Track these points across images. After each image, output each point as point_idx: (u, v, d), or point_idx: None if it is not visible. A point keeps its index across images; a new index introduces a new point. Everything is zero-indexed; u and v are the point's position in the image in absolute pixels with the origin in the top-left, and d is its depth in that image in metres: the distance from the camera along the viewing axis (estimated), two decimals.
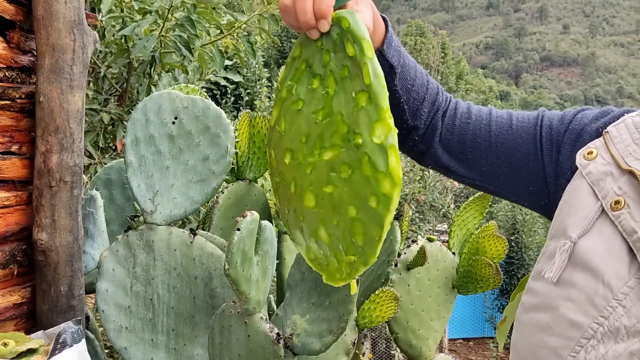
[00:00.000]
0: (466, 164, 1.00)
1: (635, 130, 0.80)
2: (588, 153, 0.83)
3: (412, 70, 1.01)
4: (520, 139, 0.95)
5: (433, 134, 1.01)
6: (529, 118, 0.97)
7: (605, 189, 0.77)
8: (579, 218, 0.78)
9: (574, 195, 0.82)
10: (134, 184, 1.57)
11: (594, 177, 0.80)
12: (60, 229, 1.44)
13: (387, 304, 1.75)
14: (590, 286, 0.72)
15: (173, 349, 1.61)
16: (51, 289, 1.47)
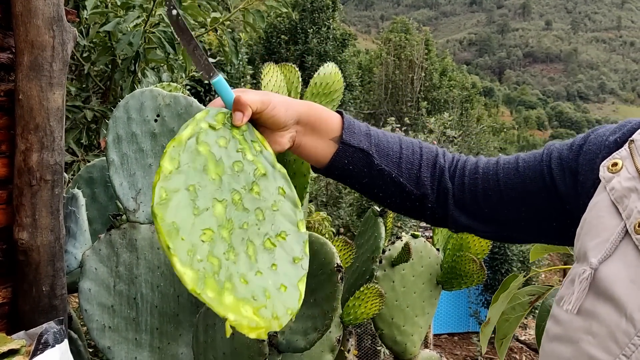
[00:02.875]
0: (485, 219, 0.96)
1: None
2: (612, 165, 0.76)
3: (393, 145, 0.98)
4: (529, 179, 0.91)
5: (446, 197, 0.97)
6: (534, 156, 0.93)
7: (630, 207, 0.70)
8: (600, 240, 0.72)
9: (595, 213, 0.76)
10: (117, 182, 1.56)
11: (618, 194, 0.73)
12: (42, 228, 1.42)
13: (371, 301, 1.75)
14: (612, 319, 0.66)
15: (157, 347, 1.60)
16: (33, 289, 1.45)
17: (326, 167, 0.97)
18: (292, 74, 2.04)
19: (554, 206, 0.88)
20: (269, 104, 0.87)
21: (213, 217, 0.76)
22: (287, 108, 0.90)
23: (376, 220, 1.92)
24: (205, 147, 0.81)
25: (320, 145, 0.95)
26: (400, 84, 17.19)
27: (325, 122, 0.95)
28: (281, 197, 0.84)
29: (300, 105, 0.93)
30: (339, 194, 8.21)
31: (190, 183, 0.77)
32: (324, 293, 1.51)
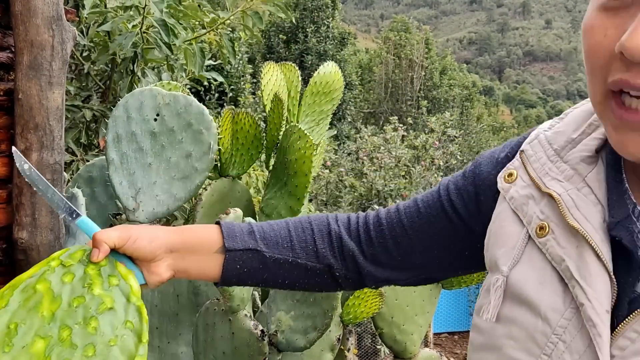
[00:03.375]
0: (402, 268, 0.95)
1: (548, 146, 0.76)
2: (508, 175, 0.79)
3: (280, 231, 0.97)
4: (433, 218, 0.91)
5: (354, 259, 0.95)
6: (432, 194, 0.93)
7: (529, 214, 0.74)
8: (507, 249, 0.75)
9: (499, 223, 0.79)
10: (116, 181, 1.56)
11: (517, 202, 0.76)
12: (41, 228, 1.42)
13: (371, 300, 1.75)
14: (529, 322, 0.68)
15: (157, 347, 1.60)
16: None
17: (221, 278, 0.96)
18: (292, 73, 2.04)
19: (463, 236, 0.89)
20: (128, 239, 0.88)
21: (27, 354, 0.78)
22: (152, 240, 0.89)
23: None
24: (45, 284, 0.84)
25: (206, 262, 0.94)
26: (400, 83, 17.19)
27: (203, 241, 0.95)
28: (127, 331, 0.83)
29: (170, 234, 0.93)
30: (339, 193, 8.22)
31: (13, 321, 0.80)
32: (324, 292, 1.51)
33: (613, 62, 0.58)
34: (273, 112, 1.86)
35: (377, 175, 7.79)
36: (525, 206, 0.74)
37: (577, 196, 0.69)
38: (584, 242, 0.66)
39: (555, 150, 0.75)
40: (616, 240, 0.65)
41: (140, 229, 0.91)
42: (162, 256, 0.91)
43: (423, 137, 9.07)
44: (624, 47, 0.55)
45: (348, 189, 8.14)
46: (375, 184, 7.75)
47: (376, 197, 7.73)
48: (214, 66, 3.37)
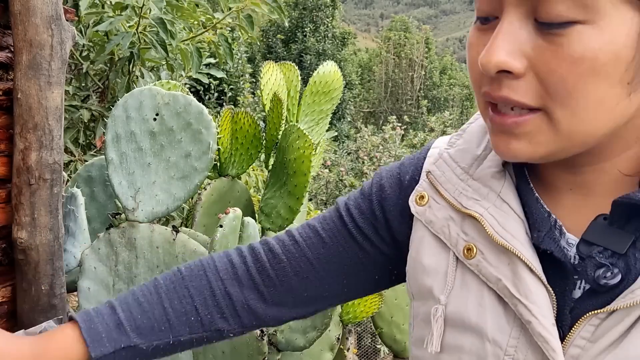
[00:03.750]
0: (308, 302, 0.87)
1: (455, 165, 0.75)
2: (420, 198, 0.77)
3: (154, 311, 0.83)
4: (342, 247, 0.84)
5: (252, 310, 0.85)
6: (333, 220, 0.85)
7: (452, 236, 0.72)
8: (439, 275, 0.73)
9: (422, 250, 0.76)
10: (115, 181, 1.56)
11: (437, 226, 0.74)
12: (41, 227, 1.42)
13: (371, 299, 1.75)
14: (477, 347, 0.67)
15: None
16: (32, 288, 1.45)
17: None
18: (291, 72, 2.04)
19: (376, 261, 0.84)
20: None
21: None
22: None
23: None
24: None
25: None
26: (400, 82, 17.19)
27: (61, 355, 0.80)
28: None
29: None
30: (338, 193, 8.22)
31: None
32: None
33: (483, 77, 0.62)
34: (272, 111, 1.86)
35: None
36: (447, 229, 0.73)
37: (498, 213, 0.68)
38: (515, 258, 0.65)
39: (464, 169, 0.74)
40: (546, 252, 0.65)
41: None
42: None
43: (422, 135, 9.07)
44: (480, 63, 0.59)
45: (348, 188, 8.14)
46: None
47: None
48: (213, 64, 3.37)
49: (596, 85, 0.56)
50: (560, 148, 0.61)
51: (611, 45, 0.54)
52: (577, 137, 0.59)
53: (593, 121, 0.58)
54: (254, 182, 3.69)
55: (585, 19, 0.54)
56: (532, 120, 0.60)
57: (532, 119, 0.60)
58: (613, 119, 0.59)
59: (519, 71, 0.58)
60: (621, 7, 0.54)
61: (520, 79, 0.59)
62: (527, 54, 0.58)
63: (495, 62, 0.58)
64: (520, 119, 0.60)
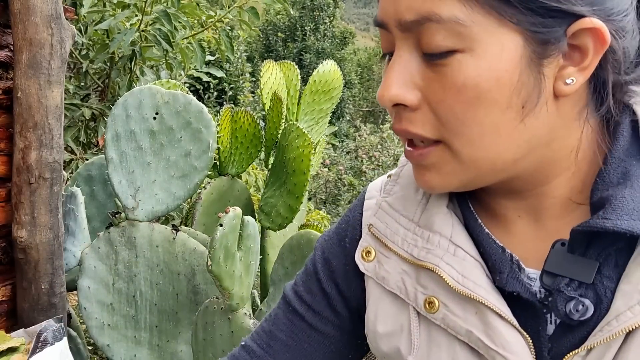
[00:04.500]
0: None
1: (398, 215, 0.71)
2: (366, 254, 0.72)
3: None
4: (307, 344, 0.79)
5: None
6: (288, 318, 0.80)
7: (409, 290, 0.67)
8: (404, 334, 0.68)
9: (380, 309, 0.71)
10: (115, 180, 1.56)
11: (391, 282, 0.69)
12: (40, 226, 1.42)
13: None
14: None
15: (156, 345, 1.60)
16: (32, 287, 1.45)
17: None
18: (291, 71, 2.04)
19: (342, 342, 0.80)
20: None
21: None
22: None
23: None
24: None
25: None
26: None
27: None
28: None
29: None
30: (338, 192, 8.22)
31: None
32: None
33: (392, 113, 0.61)
34: (272, 110, 1.86)
35: (375, 174, 7.79)
36: (401, 283, 0.68)
37: (455, 261, 0.64)
38: (482, 307, 0.61)
39: (407, 217, 0.70)
40: (512, 294, 0.61)
41: None
42: None
43: None
44: (377, 98, 0.59)
45: (347, 187, 8.14)
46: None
47: None
48: (212, 62, 3.37)
49: (485, 112, 0.55)
50: (471, 177, 0.60)
51: (491, 72, 0.54)
52: (482, 164, 0.58)
53: (493, 147, 0.57)
54: (253, 181, 3.69)
55: (463, 47, 0.54)
56: (434, 152, 0.59)
57: (434, 150, 0.59)
58: (516, 144, 0.57)
59: (412, 103, 0.58)
60: (497, 32, 0.53)
61: (416, 111, 0.58)
62: (418, 86, 0.58)
63: (388, 96, 0.58)
64: (425, 151, 0.60)
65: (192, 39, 2.72)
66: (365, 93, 18.21)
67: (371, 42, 28.30)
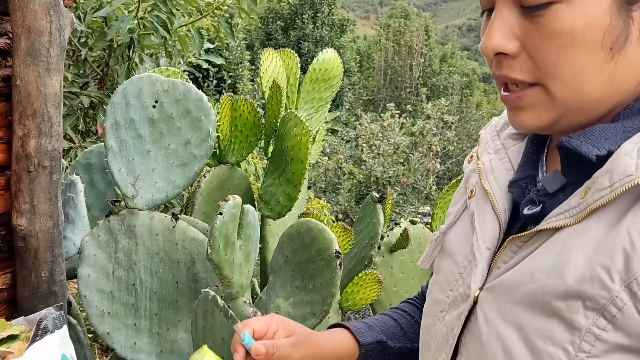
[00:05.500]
0: None
1: (493, 128, 0.89)
2: (470, 157, 0.91)
3: (389, 323, 1.06)
4: None
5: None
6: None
7: (470, 183, 0.86)
8: (452, 215, 0.88)
9: (454, 197, 0.93)
10: (115, 168, 1.56)
11: (466, 176, 0.89)
12: (40, 215, 1.42)
13: (370, 287, 1.76)
14: (450, 269, 0.81)
15: (156, 333, 1.61)
16: (32, 275, 1.45)
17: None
18: (290, 59, 2.03)
19: None
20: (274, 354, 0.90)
21: None
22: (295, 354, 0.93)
23: (375, 206, 1.92)
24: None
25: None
26: (399, 70, 17.13)
27: (344, 352, 1.00)
28: None
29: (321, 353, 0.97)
30: (337, 180, 8.22)
31: None
32: (323, 279, 1.52)
33: (492, 61, 0.72)
34: (272, 99, 1.85)
35: (375, 162, 7.79)
36: (470, 178, 0.86)
37: (496, 164, 0.82)
38: (490, 198, 0.78)
39: (497, 131, 0.88)
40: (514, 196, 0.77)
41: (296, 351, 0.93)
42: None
43: (420, 123, 9.05)
44: (480, 49, 0.70)
45: (347, 175, 8.14)
46: (374, 171, 7.74)
47: (375, 184, 7.73)
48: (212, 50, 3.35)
49: (577, 54, 0.64)
50: (560, 115, 0.68)
51: (584, 18, 0.62)
52: (571, 103, 0.67)
53: (582, 86, 0.65)
54: (253, 170, 3.69)
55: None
56: (530, 94, 0.68)
57: (530, 92, 0.68)
58: (603, 84, 0.65)
59: (512, 52, 0.67)
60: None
61: (515, 59, 0.68)
62: (517, 36, 0.67)
63: (490, 46, 0.68)
64: (522, 94, 0.69)
65: (191, 26, 2.71)
66: (364, 81, 18.16)
67: (371, 30, 28.13)
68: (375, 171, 7.73)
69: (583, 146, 0.66)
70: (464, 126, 12.24)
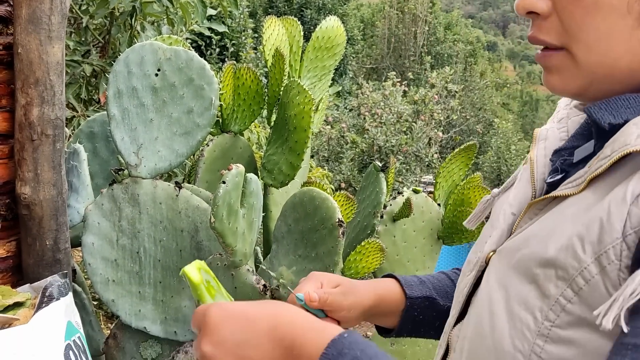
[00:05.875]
0: None
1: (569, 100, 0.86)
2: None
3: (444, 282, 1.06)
4: None
5: None
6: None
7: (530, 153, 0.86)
8: (509, 178, 0.88)
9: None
10: (118, 137, 1.56)
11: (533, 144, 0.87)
12: (44, 183, 1.43)
13: (372, 255, 1.77)
14: (486, 231, 0.83)
15: (160, 300, 1.63)
16: (36, 243, 1.47)
17: (398, 326, 1.01)
18: (293, 27, 2.01)
19: None
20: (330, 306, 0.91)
21: None
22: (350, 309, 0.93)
23: (378, 175, 1.92)
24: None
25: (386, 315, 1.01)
26: (403, 38, 16.93)
27: (390, 298, 1.00)
28: None
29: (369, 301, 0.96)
30: (340, 149, 8.21)
31: None
32: (326, 248, 1.53)
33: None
34: (274, 67, 1.84)
35: (378, 131, 7.77)
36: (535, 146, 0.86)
37: (552, 133, 0.82)
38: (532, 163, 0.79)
39: (571, 100, 0.86)
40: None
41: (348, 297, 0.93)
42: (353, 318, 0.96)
43: (423, 92, 8.99)
44: (514, 7, 0.70)
45: (349, 145, 8.13)
46: (377, 140, 7.72)
47: (377, 153, 7.72)
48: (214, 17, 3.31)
49: (602, 18, 0.62)
50: (588, 82, 0.67)
51: None
52: (598, 70, 0.65)
53: (608, 52, 0.64)
54: (256, 139, 3.69)
55: None
56: (556, 56, 0.68)
57: (556, 54, 0.68)
58: (632, 51, 0.63)
59: (543, 11, 0.67)
60: None
61: (546, 20, 0.67)
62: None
63: (522, 4, 0.68)
64: (547, 53, 0.69)
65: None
66: (368, 50, 17.99)
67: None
68: (378, 140, 7.71)
69: (599, 113, 0.65)
70: (468, 95, 12.17)
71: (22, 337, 1.15)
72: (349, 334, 0.63)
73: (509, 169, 9.36)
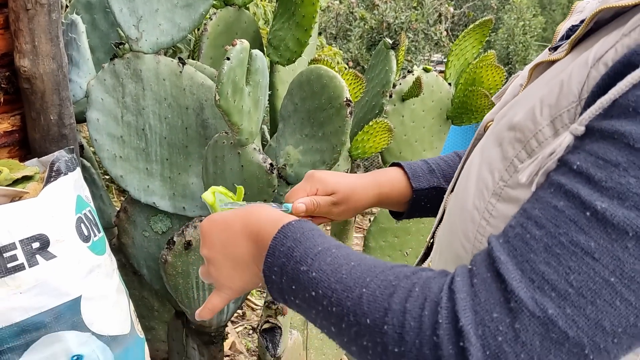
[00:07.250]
0: None
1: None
2: None
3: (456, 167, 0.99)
4: None
5: None
6: None
7: None
8: None
9: None
10: (116, 8, 1.48)
11: (569, 16, 0.84)
12: (43, 56, 1.38)
13: (380, 135, 1.75)
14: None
15: (168, 177, 1.63)
16: (41, 118, 1.45)
17: (406, 214, 1.02)
18: None
19: None
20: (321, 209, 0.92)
21: None
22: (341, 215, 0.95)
23: (388, 53, 1.86)
24: None
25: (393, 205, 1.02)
26: None
27: (394, 192, 0.99)
28: None
29: (364, 203, 0.96)
30: (349, 26, 7.97)
31: None
32: (333, 127, 1.50)
33: None
34: None
35: (388, 7, 7.49)
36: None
37: (590, 6, 0.73)
38: None
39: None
40: None
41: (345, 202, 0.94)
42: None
43: None
44: None
45: (358, 21, 7.87)
46: (386, 17, 7.47)
47: (387, 30, 7.50)
48: None
49: None
50: None
51: None
52: None
53: None
54: (262, 14, 3.56)
55: None
56: None
57: None
58: None
59: None
60: None
61: None
62: None
63: None
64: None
65: None
66: None
67: None
68: (387, 17, 7.46)
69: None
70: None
71: (33, 210, 1.16)
72: (297, 222, 0.67)
73: (517, 46, 9.05)
